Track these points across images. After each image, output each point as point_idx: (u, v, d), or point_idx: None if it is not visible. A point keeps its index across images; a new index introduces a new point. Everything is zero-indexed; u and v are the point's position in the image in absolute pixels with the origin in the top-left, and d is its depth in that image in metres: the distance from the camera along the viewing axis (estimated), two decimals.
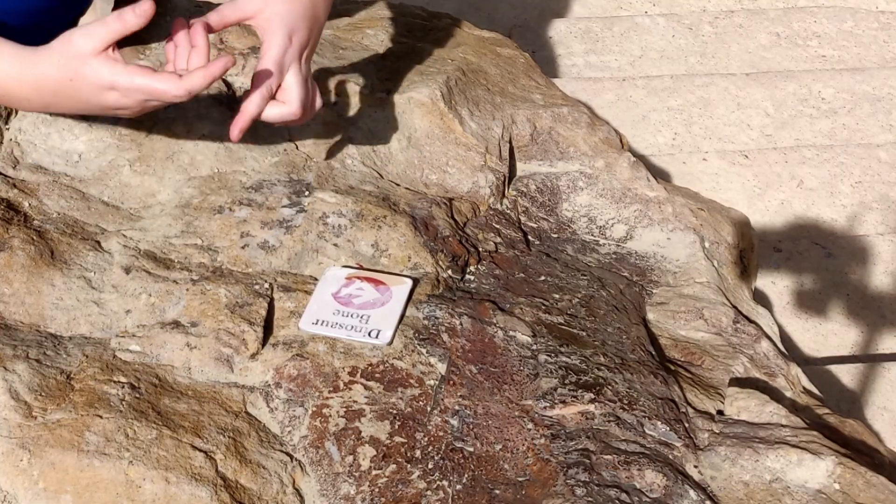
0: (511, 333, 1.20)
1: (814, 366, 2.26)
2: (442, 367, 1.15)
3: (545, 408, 1.12)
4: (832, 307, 2.40)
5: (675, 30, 3.27)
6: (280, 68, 1.18)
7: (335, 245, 1.26)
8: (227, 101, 1.41)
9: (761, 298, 2.33)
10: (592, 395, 1.13)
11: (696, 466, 1.09)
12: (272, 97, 1.18)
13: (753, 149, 2.84)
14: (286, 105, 1.19)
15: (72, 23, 1.50)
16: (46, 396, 1.05)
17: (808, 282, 2.46)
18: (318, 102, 1.25)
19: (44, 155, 1.31)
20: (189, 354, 1.12)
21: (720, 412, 1.20)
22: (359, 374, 1.13)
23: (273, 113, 1.19)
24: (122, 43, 1.10)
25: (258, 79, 1.18)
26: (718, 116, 2.94)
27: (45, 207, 1.25)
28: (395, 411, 1.10)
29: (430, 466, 1.06)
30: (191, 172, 1.32)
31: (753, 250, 1.56)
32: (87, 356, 1.10)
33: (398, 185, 1.38)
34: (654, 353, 1.25)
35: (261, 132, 1.39)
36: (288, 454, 1.06)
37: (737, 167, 2.76)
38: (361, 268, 1.25)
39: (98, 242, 1.22)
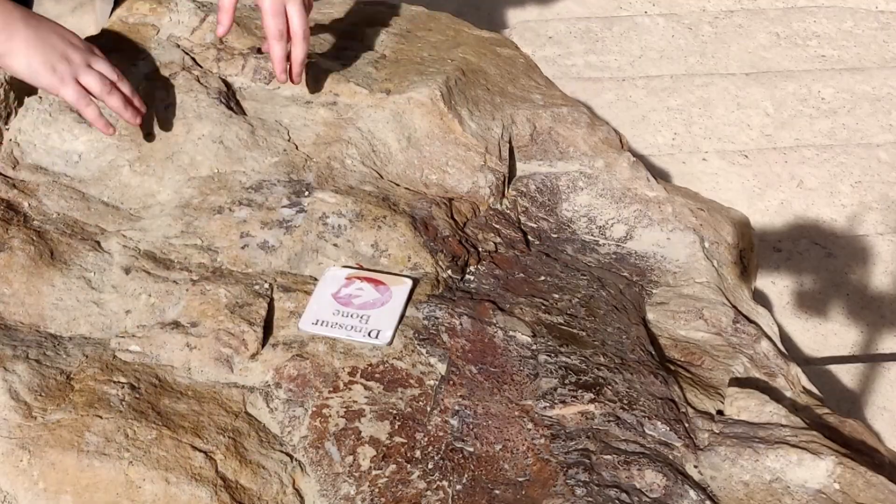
0: (511, 333, 1.20)
1: (814, 366, 2.26)
2: (442, 367, 1.15)
3: (545, 408, 1.12)
4: (832, 307, 2.40)
5: (674, 30, 3.26)
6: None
7: (335, 245, 1.26)
8: (227, 102, 1.41)
9: (761, 298, 2.33)
10: (592, 395, 1.13)
11: (696, 466, 1.09)
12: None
13: (753, 149, 2.84)
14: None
15: None
16: (46, 397, 1.05)
17: (808, 282, 2.46)
18: (297, 24, 1.33)
19: (43, 155, 1.31)
20: (189, 354, 1.12)
21: (720, 412, 1.19)
22: (359, 375, 1.13)
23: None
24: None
25: None
26: (718, 116, 2.93)
27: (45, 208, 1.25)
28: (395, 411, 1.10)
29: (430, 466, 1.06)
30: (191, 172, 1.32)
31: (753, 250, 1.55)
32: (86, 356, 1.10)
33: (398, 185, 1.38)
34: (654, 353, 1.25)
35: (260, 132, 1.39)
36: (288, 454, 1.06)
37: (737, 167, 2.75)
38: (361, 268, 1.25)
39: (98, 243, 1.22)
